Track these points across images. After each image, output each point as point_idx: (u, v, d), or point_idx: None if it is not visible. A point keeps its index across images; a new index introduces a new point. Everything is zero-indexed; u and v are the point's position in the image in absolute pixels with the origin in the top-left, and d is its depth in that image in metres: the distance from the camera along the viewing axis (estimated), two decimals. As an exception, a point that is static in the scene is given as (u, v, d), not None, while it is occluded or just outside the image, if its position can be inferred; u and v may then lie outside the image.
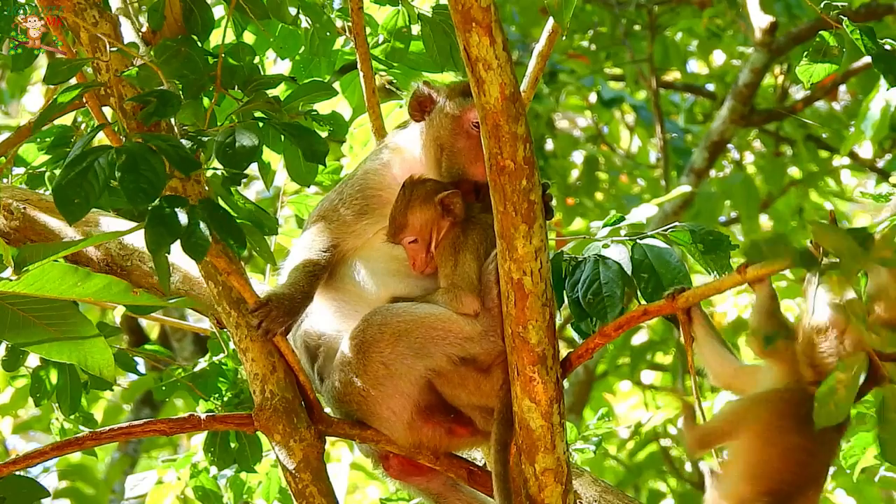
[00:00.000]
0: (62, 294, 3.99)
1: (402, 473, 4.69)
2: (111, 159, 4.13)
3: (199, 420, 4.62)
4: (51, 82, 4.46)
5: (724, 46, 12.28)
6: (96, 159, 4.13)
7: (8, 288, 3.99)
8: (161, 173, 4.13)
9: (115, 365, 4.22)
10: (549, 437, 4.37)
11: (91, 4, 4.59)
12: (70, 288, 3.99)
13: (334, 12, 5.54)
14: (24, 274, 3.94)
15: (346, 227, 4.67)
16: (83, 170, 4.13)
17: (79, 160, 4.15)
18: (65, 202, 4.11)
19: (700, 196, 11.46)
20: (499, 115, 4.14)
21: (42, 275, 3.96)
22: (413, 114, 4.76)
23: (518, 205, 4.20)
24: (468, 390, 4.50)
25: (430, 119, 4.71)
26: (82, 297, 3.99)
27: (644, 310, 4.34)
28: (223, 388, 5.96)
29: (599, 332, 4.42)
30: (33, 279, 3.98)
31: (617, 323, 4.38)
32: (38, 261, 3.92)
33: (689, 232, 4.71)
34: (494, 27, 4.06)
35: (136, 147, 4.16)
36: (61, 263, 3.97)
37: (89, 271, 4.03)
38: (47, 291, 4.01)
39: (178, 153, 4.18)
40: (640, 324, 4.43)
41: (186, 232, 4.16)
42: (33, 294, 4.00)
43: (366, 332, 4.47)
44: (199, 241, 4.16)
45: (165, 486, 6.31)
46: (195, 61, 4.82)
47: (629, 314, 4.36)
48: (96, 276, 4.01)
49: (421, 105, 4.74)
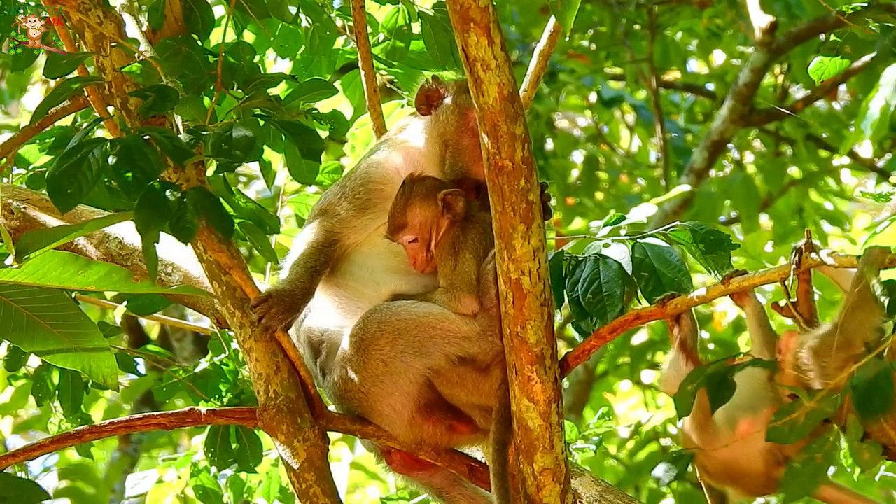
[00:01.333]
0: (63, 283, 3.99)
1: (404, 468, 4.69)
2: (105, 151, 4.14)
3: (200, 414, 4.62)
4: (50, 76, 4.47)
5: (724, 46, 12.28)
6: (91, 151, 4.15)
7: (9, 277, 3.99)
8: (156, 164, 4.15)
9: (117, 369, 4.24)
10: (547, 436, 4.37)
11: (96, 4, 4.60)
12: (71, 277, 3.99)
13: (334, 11, 5.54)
14: (25, 262, 3.93)
15: (348, 221, 4.67)
16: (77, 161, 4.14)
17: (74, 151, 4.16)
18: (57, 192, 4.12)
19: (700, 196, 11.47)
20: (497, 115, 4.14)
21: (42, 264, 3.96)
22: (419, 107, 4.75)
23: (516, 205, 4.20)
24: (467, 390, 4.50)
25: (436, 114, 4.70)
26: (83, 285, 3.99)
27: (636, 314, 4.39)
28: (224, 389, 5.96)
29: (595, 334, 4.44)
30: (34, 268, 3.97)
31: (611, 326, 4.41)
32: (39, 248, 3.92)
33: (689, 231, 4.71)
34: (493, 27, 4.06)
35: (131, 138, 4.17)
36: (62, 252, 3.97)
37: (89, 260, 4.03)
38: (48, 280, 4.01)
39: (172, 143, 4.19)
40: (634, 327, 4.45)
41: (175, 215, 4.16)
42: (34, 283, 4.00)
43: (366, 329, 4.47)
44: (188, 224, 4.16)
45: (166, 484, 6.31)
46: (195, 60, 4.82)
47: (622, 318, 4.40)
48: (97, 264, 4.00)
49: (428, 99, 4.73)
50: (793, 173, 12.26)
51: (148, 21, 4.89)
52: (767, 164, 12.12)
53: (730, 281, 4.22)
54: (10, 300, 4.08)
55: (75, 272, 3.97)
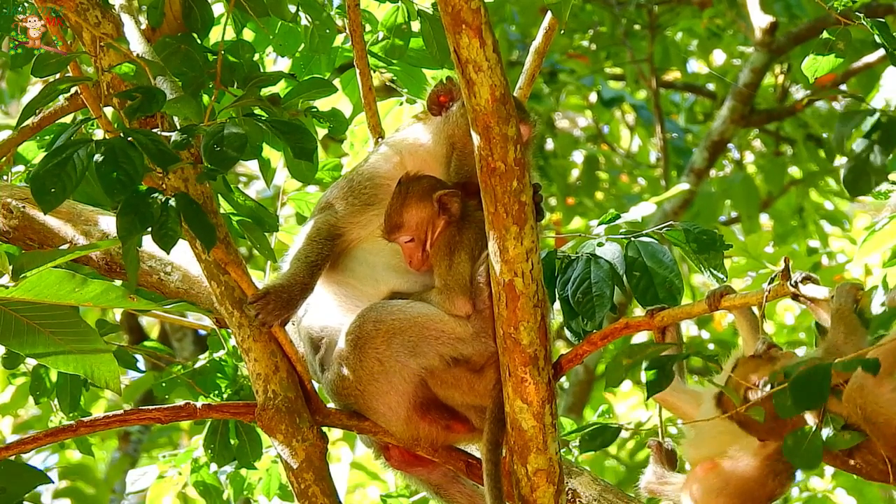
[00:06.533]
0: (60, 300, 4.01)
1: (402, 464, 4.69)
2: (91, 151, 4.14)
3: (195, 409, 4.60)
4: (38, 75, 4.46)
5: (724, 46, 12.29)
6: (76, 151, 4.14)
7: (6, 294, 3.99)
8: (140, 166, 4.14)
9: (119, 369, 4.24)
10: (540, 437, 4.37)
11: (93, 4, 4.59)
12: (68, 294, 4.00)
13: (334, 9, 5.55)
14: (22, 280, 3.94)
15: (352, 217, 4.66)
16: (62, 160, 4.13)
17: (59, 151, 4.16)
18: (41, 191, 4.12)
19: (700, 196, 11.46)
20: (489, 117, 4.13)
21: (39, 281, 3.98)
22: (431, 107, 4.74)
23: (509, 206, 4.20)
24: (462, 391, 4.50)
25: (446, 116, 4.69)
26: (80, 302, 4.01)
27: (626, 323, 4.46)
28: (223, 385, 5.96)
29: (587, 339, 4.47)
30: (31, 285, 3.99)
31: (602, 333, 4.46)
32: (35, 267, 3.93)
33: (682, 231, 4.72)
34: (485, 29, 4.06)
35: (116, 140, 4.16)
36: (58, 270, 3.97)
37: (86, 278, 4.04)
38: (45, 297, 4.03)
39: (156, 147, 4.18)
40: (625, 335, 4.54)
41: (157, 222, 4.15)
42: (31, 300, 4.01)
43: (362, 328, 4.47)
44: (170, 231, 4.16)
45: (166, 481, 6.31)
46: (195, 59, 4.83)
47: (612, 326, 4.45)
48: (93, 281, 4.02)
49: (440, 100, 4.72)
50: (793, 173, 12.26)
51: (147, 19, 4.89)
52: (767, 164, 12.12)
53: (717, 302, 4.34)
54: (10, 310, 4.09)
55: (72, 289, 3.98)
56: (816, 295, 4.20)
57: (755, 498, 4.37)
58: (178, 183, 4.46)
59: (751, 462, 4.35)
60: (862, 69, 11.10)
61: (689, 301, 4.57)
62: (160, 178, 4.33)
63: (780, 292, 4.25)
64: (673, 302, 4.64)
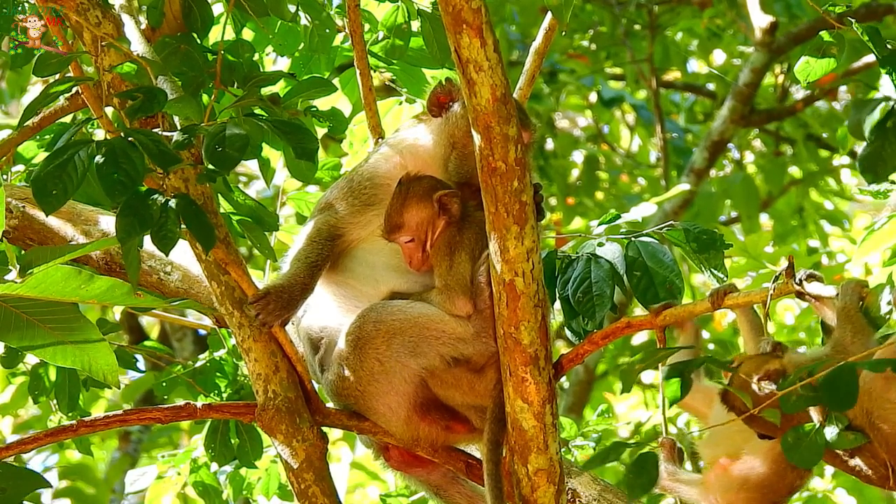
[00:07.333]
0: (66, 297, 4.01)
1: (402, 465, 4.69)
2: (91, 152, 4.14)
3: (195, 409, 4.60)
4: (39, 75, 4.46)
5: (724, 46, 12.29)
6: (77, 152, 4.14)
7: (12, 290, 4.00)
8: (140, 167, 4.13)
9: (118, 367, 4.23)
10: (541, 437, 4.37)
11: (94, 4, 4.60)
12: (74, 290, 4.00)
13: (333, 9, 5.55)
14: (28, 276, 3.94)
15: (353, 217, 4.66)
16: (63, 162, 4.13)
17: (60, 152, 4.15)
18: (42, 193, 4.12)
19: (700, 196, 11.47)
20: (490, 117, 4.13)
21: (46, 278, 3.98)
22: (431, 108, 4.74)
23: (509, 206, 4.20)
24: (462, 391, 4.50)
25: (446, 117, 4.69)
26: (86, 299, 4.01)
27: (627, 322, 4.45)
28: (223, 385, 5.96)
29: (588, 339, 4.47)
30: (37, 282, 3.99)
31: (603, 332, 4.45)
32: (42, 264, 3.93)
33: (682, 231, 4.72)
34: (485, 28, 4.06)
35: (117, 141, 4.16)
36: (65, 267, 3.97)
37: (92, 274, 4.05)
38: (51, 294, 4.03)
39: (157, 147, 4.18)
40: (626, 335, 4.54)
41: (156, 224, 4.15)
42: (37, 297, 4.01)
43: (362, 328, 4.47)
44: (169, 233, 4.16)
45: (165, 481, 6.31)
46: (194, 58, 4.83)
47: (613, 326, 4.45)
48: (99, 278, 4.01)
49: (440, 101, 4.72)
50: (793, 173, 12.27)
51: (147, 19, 4.89)
52: (767, 164, 12.12)
53: (720, 300, 4.35)
54: (11, 305, 4.09)
55: (78, 286, 3.99)
56: (821, 293, 4.20)
57: (775, 491, 4.38)
58: (178, 183, 4.46)
59: (768, 456, 4.35)
60: (862, 69, 11.09)
61: (690, 301, 4.56)
62: (161, 179, 4.33)
63: (785, 290, 4.25)
64: (673, 302, 4.64)
